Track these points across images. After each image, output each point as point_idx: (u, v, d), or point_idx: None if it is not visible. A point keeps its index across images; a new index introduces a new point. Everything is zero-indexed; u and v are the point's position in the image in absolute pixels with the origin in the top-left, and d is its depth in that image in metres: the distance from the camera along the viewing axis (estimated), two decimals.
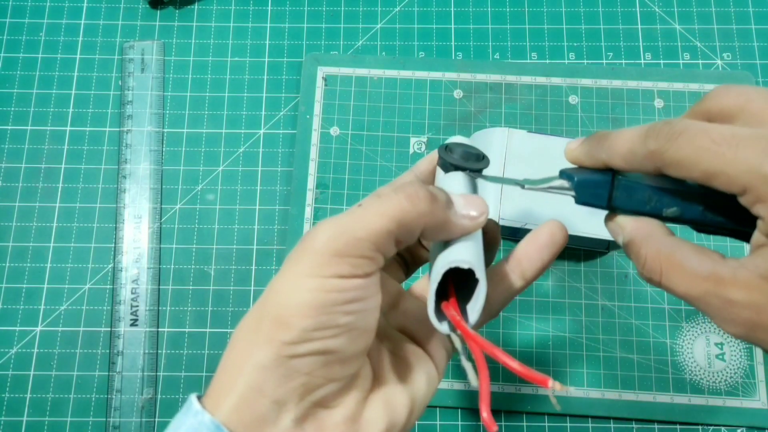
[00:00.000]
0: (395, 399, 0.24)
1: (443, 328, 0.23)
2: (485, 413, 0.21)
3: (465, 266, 0.22)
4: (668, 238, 0.23)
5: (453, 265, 0.23)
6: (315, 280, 0.21)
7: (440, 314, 0.23)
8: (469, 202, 0.24)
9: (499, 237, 0.29)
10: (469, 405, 0.44)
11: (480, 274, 0.22)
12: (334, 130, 0.50)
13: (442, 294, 0.24)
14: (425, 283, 0.29)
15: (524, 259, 0.27)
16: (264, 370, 0.21)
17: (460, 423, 0.44)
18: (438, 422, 0.44)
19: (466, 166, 0.27)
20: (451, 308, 0.23)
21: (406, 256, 0.31)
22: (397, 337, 0.27)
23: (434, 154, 0.29)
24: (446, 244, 0.24)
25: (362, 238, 0.21)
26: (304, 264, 0.21)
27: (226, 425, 0.21)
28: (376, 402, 0.24)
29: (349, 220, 0.22)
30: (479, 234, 0.25)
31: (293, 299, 0.21)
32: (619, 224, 0.25)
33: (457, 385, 0.44)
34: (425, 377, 0.26)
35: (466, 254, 0.23)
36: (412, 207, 0.22)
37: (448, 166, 0.27)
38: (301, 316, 0.21)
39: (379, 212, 0.21)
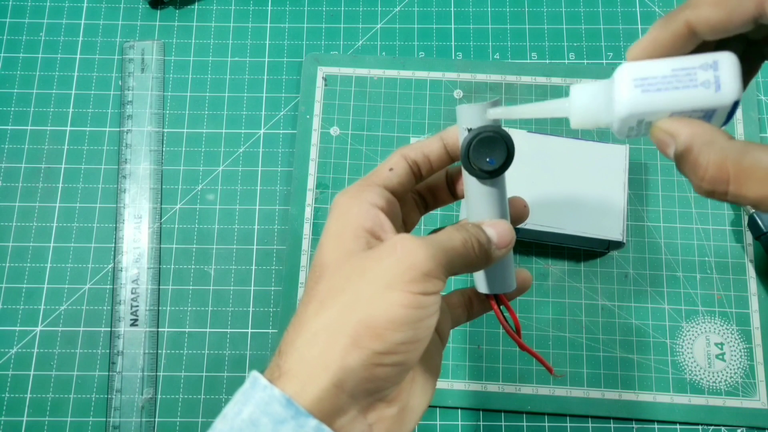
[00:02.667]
0: (427, 384, 0.27)
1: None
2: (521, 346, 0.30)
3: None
4: (732, 141, 0.21)
5: (508, 292, 0.30)
6: (408, 296, 0.23)
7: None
8: (500, 234, 0.27)
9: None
10: (469, 405, 0.44)
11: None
12: (334, 130, 0.50)
13: None
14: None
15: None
16: (350, 371, 0.23)
17: (460, 423, 0.44)
18: (438, 422, 0.44)
19: (491, 173, 0.27)
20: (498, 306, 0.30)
21: (428, 197, 0.32)
22: None
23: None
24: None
25: (444, 266, 0.24)
26: (398, 277, 0.23)
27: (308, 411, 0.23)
28: (415, 390, 0.26)
29: (437, 246, 0.24)
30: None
31: (388, 313, 0.23)
32: (671, 130, 0.22)
33: (458, 385, 0.44)
34: (439, 355, 0.29)
35: (513, 282, 0.30)
36: (464, 252, 0.25)
37: (476, 175, 0.28)
38: (394, 330, 0.23)
39: (447, 247, 0.25)
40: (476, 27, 0.53)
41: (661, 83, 0.22)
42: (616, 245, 0.44)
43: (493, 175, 0.27)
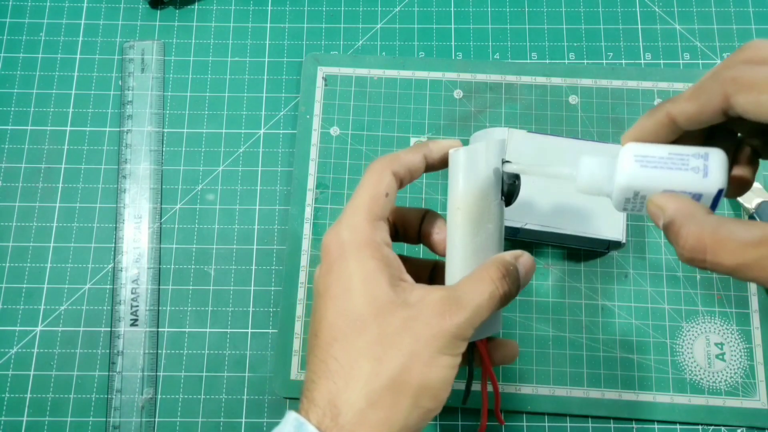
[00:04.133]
0: None
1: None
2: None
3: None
4: (710, 216, 0.23)
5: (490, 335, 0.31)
6: (453, 359, 0.26)
7: None
8: (527, 269, 0.30)
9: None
10: (468, 405, 0.44)
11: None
12: (334, 130, 0.50)
13: None
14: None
15: None
16: (408, 429, 0.25)
17: (460, 423, 0.44)
18: (438, 422, 0.44)
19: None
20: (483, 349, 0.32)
21: (399, 227, 0.33)
22: None
23: (446, 143, 0.31)
24: None
25: (473, 324, 0.26)
26: (445, 342, 0.25)
27: None
28: None
29: (476, 311, 0.26)
30: None
31: (441, 374, 0.26)
32: (660, 204, 0.25)
33: (457, 386, 0.44)
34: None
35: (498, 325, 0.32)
36: (490, 305, 0.27)
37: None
38: (446, 390, 0.26)
39: (491, 306, 0.27)
40: (476, 27, 0.53)
41: (658, 162, 0.25)
42: (616, 245, 0.44)
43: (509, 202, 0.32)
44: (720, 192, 0.25)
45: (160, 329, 0.46)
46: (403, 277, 0.27)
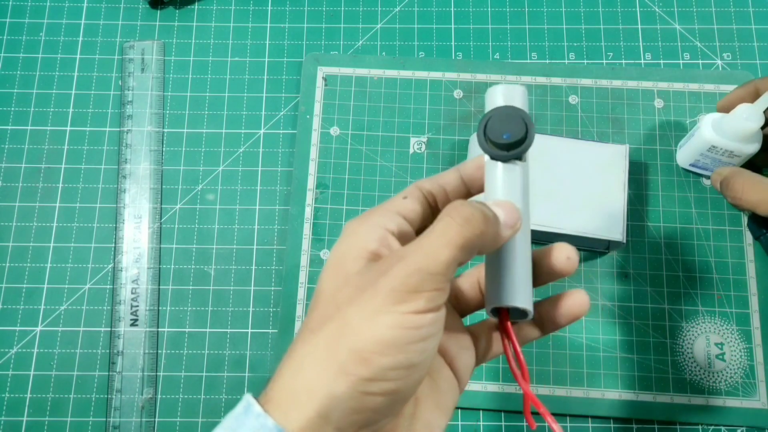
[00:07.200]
0: (433, 424, 0.25)
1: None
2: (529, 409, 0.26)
3: (521, 307, 0.25)
4: (747, 171, 0.44)
5: (510, 305, 0.25)
6: (393, 317, 0.22)
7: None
8: (506, 212, 0.25)
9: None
10: (469, 405, 0.44)
11: (530, 310, 0.25)
12: (334, 130, 0.50)
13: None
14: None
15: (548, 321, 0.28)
16: (336, 400, 0.22)
17: (460, 423, 0.44)
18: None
19: (507, 156, 0.26)
20: (510, 328, 0.26)
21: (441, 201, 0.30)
22: None
23: (479, 161, 0.28)
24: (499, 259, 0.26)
25: (436, 273, 0.22)
26: (381, 300, 0.22)
27: None
28: (419, 428, 0.25)
29: (420, 257, 0.22)
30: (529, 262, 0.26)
31: (373, 335, 0.22)
32: (719, 172, 0.45)
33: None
34: (453, 395, 0.27)
35: (523, 298, 0.25)
36: (471, 232, 0.22)
37: (490, 153, 0.26)
38: (380, 353, 0.21)
39: (445, 243, 0.22)
40: (476, 27, 0.53)
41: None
42: (616, 245, 0.44)
43: (510, 149, 0.26)
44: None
45: (160, 329, 0.46)
46: (385, 255, 0.25)
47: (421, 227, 0.26)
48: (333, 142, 0.49)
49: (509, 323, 0.26)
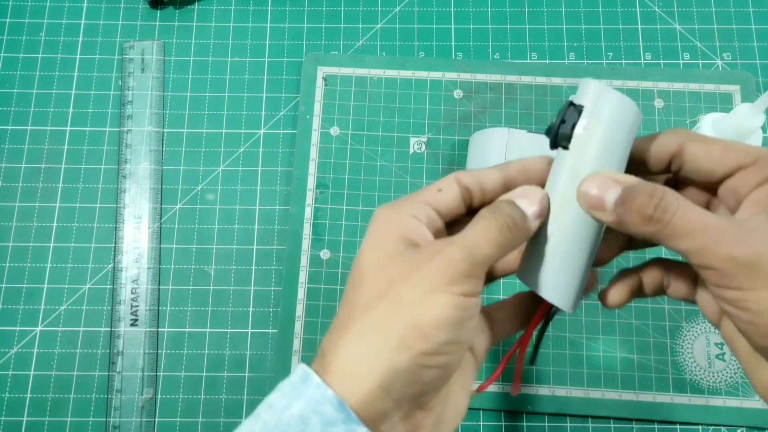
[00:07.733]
0: (460, 401, 0.27)
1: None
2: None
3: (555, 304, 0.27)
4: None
5: (548, 301, 0.27)
6: (451, 297, 0.23)
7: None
8: (532, 202, 0.26)
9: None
10: (469, 405, 0.44)
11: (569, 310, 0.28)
12: (334, 130, 0.50)
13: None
14: None
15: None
16: (397, 373, 0.23)
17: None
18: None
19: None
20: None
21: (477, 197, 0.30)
22: None
23: (543, 161, 0.28)
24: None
25: (481, 263, 0.24)
26: (439, 279, 0.23)
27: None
28: (449, 405, 0.26)
29: (470, 244, 0.24)
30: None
31: (432, 312, 0.23)
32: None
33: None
34: (473, 374, 0.28)
35: (563, 296, 0.27)
36: (511, 235, 0.25)
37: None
38: (439, 329, 0.23)
39: (487, 241, 0.24)
40: (476, 27, 0.53)
41: None
42: None
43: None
44: None
45: (160, 329, 0.46)
46: (418, 243, 0.26)
47: (450, 221, 0.28)
48: (333, 142, 0.49)
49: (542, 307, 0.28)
